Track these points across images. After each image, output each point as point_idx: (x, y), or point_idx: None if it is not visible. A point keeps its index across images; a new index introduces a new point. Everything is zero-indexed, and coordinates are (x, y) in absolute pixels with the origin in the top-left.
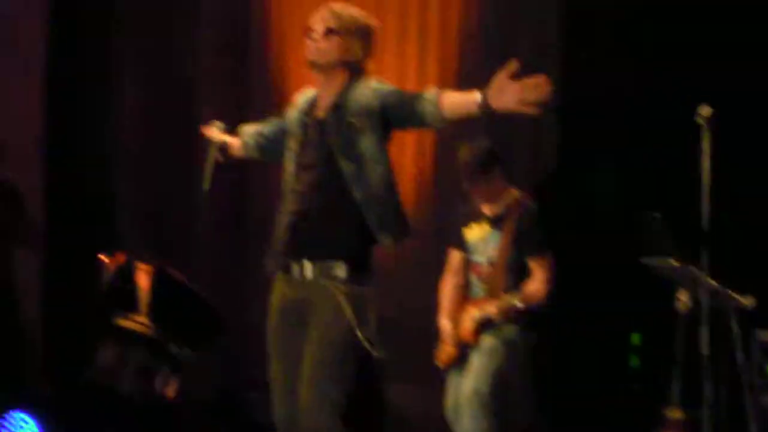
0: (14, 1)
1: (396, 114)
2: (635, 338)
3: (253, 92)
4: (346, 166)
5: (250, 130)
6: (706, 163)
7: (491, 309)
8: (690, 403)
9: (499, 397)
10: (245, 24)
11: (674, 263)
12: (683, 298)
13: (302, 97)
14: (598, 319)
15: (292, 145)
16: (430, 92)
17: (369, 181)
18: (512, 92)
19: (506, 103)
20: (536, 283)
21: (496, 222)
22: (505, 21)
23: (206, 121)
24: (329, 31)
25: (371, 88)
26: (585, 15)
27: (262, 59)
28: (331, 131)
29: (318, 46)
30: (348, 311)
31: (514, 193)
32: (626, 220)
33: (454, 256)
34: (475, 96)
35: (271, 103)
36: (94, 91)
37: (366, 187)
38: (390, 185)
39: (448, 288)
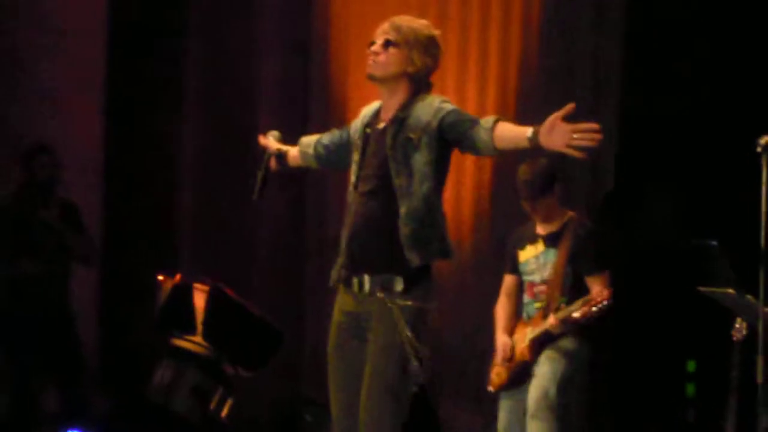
0: (74, 19)
1: (451, 135)
2: (691, 366)
3: (314, 105)
4: (397, 180)
5: (309, 140)
6: (765, 191)
7: (550, 321)
8: None
9: (564, 403)
10: (307, 39)
11: (731, 292)
12: (739, 327)
13: (368, 109)
14: (655, 345)
15: (354, 157)
16: (488, 120)
17: (412, 197)
18: (562, 134)
19: (555, 144)
20: (597, 290)
21: (551, 240)
22: (566, 43)
23: (265, 131)
24: (388, 44)
25: (433, 105)
26: (645, 38)
27: (324, 73)
28: (389, 143)
29: (377, 58)
30: (403, 326)
31: (571, 213)
32: (684, 247)
33: (508, 279)
34: (527, 131)
35: (332, 117)
36: (154, 106)
37: (408, 203)
38: (433, 204)
39: (502, 307)
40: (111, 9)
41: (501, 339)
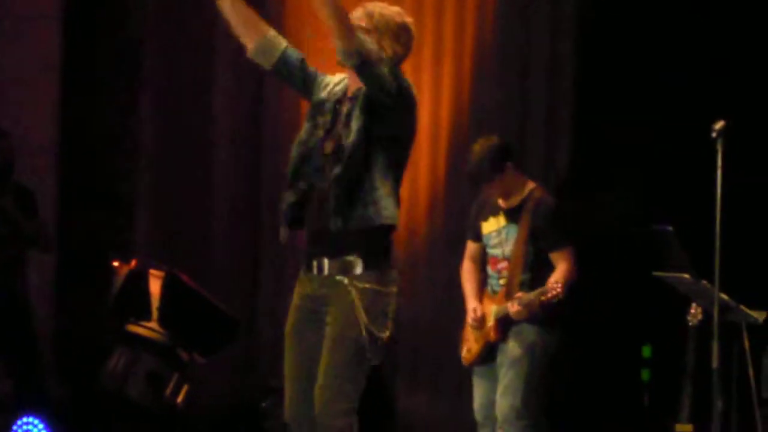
0: (30, 3)
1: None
2: (646, 351)
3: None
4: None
5: (279, 40)
6: (719, 177)
7: (513, 307)
8: (700, 418)
9: (534, 403)
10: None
11: (686, 277)
12: (695, 312)
13: (339, 80)
14: (610, 330)
15: (320, 121)
16: None
17: (343, 162)
18: None
19: None
20: (558, 273)
21: (512, 214)
22: (521, 25)
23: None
24: (360, 31)
25: None
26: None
27: None
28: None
29: None
30: (360, 309)
31: (531, 185)
32: (639, 232)
33: (470, 246)
34: None
35: (286, 97)
36: (110, 92)
37: (339, 168)
38: (363, 170)
39: (468, 273)
40: None
41: (471, 304)
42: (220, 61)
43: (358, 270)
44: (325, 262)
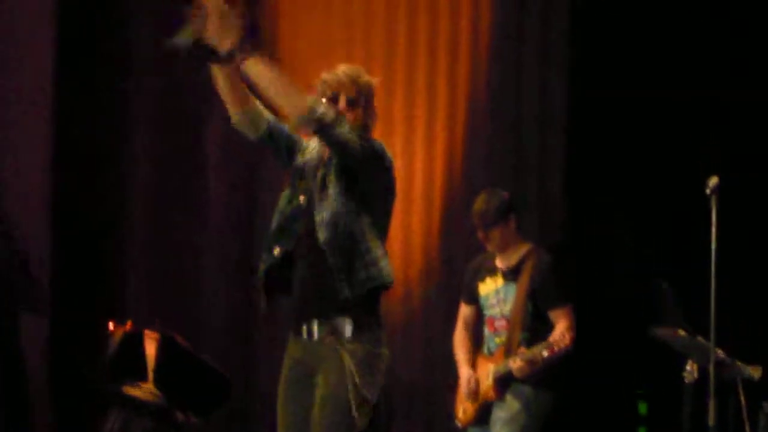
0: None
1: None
2: (642, 408)
3: None
4: (318, 216)
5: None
6: (714, 233)
7: (515, 363)
8: None
9: None
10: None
11: (682, 333)
12: (691, 369)
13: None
14: (605, 387)
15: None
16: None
17: (331, 228)
18: None
19: None
20: (559, 331)
21: (510, 274)
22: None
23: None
24: (352, 102)
25: None
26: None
27: None
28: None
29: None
30: (351, 372)
31: (529, 245)
32: (634, 287)
33: (465, 310)
34: None
35: None
36: (103, 151)
37: (328, 234)
38: (356, 234)
39: (461, 339)
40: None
41: (465, 373)
42: (210, 137)
43: (348, 332)
44: (315, 325)
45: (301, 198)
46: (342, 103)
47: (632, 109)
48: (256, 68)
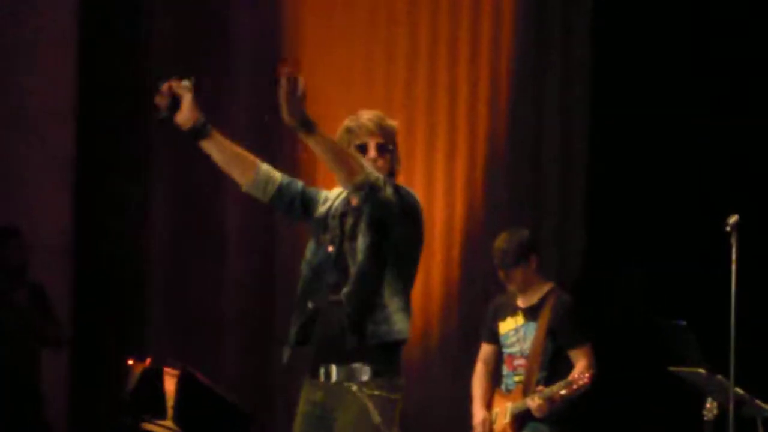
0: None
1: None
2: None
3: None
4: (349, 264)
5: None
6: (734, 270)
7: (534, 401)
8: None
9: None
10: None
11: (702, 371)
12: (710, 407)
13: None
14: (625, 426)
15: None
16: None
17: (354, 279)
18: None
19: None
20: (579, 370)
21: (531, 313)
22: (534, 114)
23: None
24: (383, 149)
25: None
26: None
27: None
28: (347, 232)
29: (377, 164)
30: (372, 416)
31: (550, 284)
32: (653, 326)
33: (485, 348)
34: None
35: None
36: (122, 191)
37: (350, 285)
38: (375, 287)
39: (480, 379)
40: (80, 90)
41: (479, 414)
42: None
43: (366, 377)
44: (333, 368)
45: (330, 248)
46: (372, 152)
47: (653, 144)
48: (314, 138)
